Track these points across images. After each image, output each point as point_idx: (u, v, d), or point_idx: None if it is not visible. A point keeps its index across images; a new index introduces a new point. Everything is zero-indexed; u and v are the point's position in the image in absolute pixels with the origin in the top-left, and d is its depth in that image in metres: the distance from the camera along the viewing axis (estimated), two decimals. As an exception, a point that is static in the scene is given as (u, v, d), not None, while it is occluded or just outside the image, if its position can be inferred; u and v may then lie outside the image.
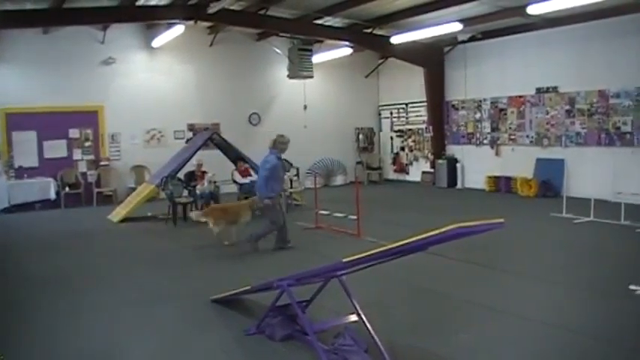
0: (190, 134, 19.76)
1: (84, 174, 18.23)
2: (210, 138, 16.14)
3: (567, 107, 17.56)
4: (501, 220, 4.54)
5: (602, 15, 15.53)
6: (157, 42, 18.61)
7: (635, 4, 13.96)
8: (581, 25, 16.38)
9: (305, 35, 19.43)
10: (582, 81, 16.94)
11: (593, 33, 16.39)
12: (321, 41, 20.19)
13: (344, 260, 5.22)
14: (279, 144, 10.83)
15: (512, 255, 10.28)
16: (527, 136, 18.84)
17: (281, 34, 19.92)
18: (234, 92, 20.58)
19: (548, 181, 17.56)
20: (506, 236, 10.51)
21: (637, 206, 10.11)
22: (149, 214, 15.18)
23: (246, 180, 15.35)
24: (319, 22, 18.14)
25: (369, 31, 19.02)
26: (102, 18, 16.39)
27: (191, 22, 16.52)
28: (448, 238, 4.46)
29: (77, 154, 18.32)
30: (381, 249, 4.86)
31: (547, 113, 18.13)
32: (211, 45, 20.01)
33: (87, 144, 18.46)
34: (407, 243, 4.55)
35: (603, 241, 11.36)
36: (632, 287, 7.72)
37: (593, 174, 15.92)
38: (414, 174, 22.97)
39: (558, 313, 7.03)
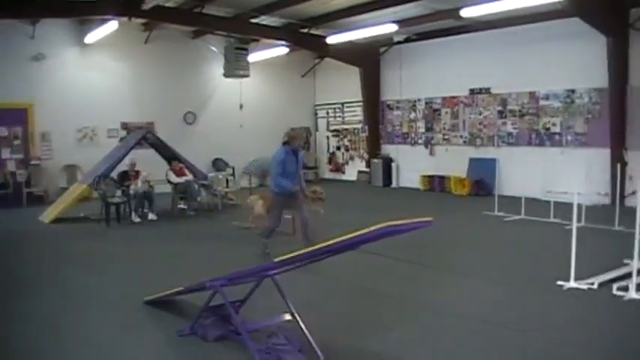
0: (124, 133, 19.39)
1: (13, 173, 17.63)
2: (144, 137, 15.93)
3: (499, 108, 17.97)
4: (430, 218, 4.60)
5: (532, 19, 15.99)
6: (90, 38, 18.21)
7: (562, 10, 14.32)
8: (513, 28, 16.80)
9: (241, 34, 19.37)
10: (514, 83, 17.37)
11: (524, 37, 16.80)
12: (258, 40, 20.12)
13: (276, 260, 5.22)
14: (285, 136, 10.44)
15: (446, 253, 10.43)
16: (461, 136, 19.18)
17: (217, 33, 19.82)
18: (170, 90, 20.29)
19: (481, 180, 17.91)
20: (440, 234, 10.78)
21: (566, 204, 10.39)
22: (82, 214, 14.85)
23: (181, 179, 15.21)
24: (255, 20, 18.08)
25: (305, 30, 19.09)
26: (30, 12, 15.89)
27: (125, 19, 16.27)
28: (377, 237, 4.50)
29: (5, 153, 17.71)
30: (312, 248, 4.88)
31: (480, 114, 18.51)
32: (146, 42, 19.68)
33: (16, 142, 17.90)
34: (337, 242, 4.58)
35: (533, 239, 11.68)
36: (559, 283, 7.93)
37: (524, 173, 16.27)
38: (350, 173, 23.13)
39: (489, 309, 7.16)
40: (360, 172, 22.58)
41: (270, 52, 20.71)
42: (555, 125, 16.68)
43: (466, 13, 14.78)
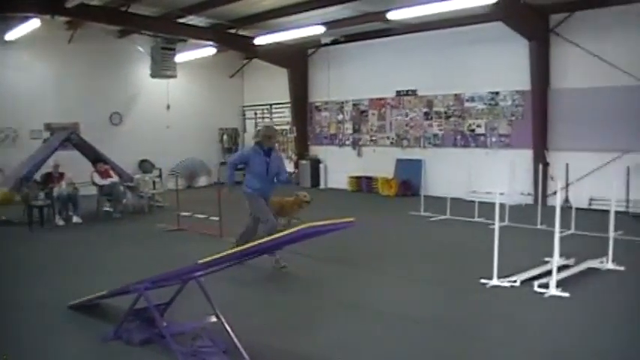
0: (48, 134, 18.92)
1: None
2: (69, 138, 15.58)
3: (425, 110, 18.23)
4: (352, 219, 4.65)
5: (457, 23, 16.38)
6: (11, 35, 17.66)
7: (486, 15, 14.65)
8: (439, 32, 17.15)
9: (168, 34, 19.12)
10: (439, 85, 17.70)
11: (450, 40, 17.15)
12: (185, 40, 19.92)
13: (200, 262, 5.19)
14: (257, 135, 9.47)
15: (373, 253, 10.54)
16: (388, 138, 19.41)
17: (143, 32, 19.50)
18: (95, 91, 19.87)
19: (408, 181, 18.17)
20: (366, 235, 10.95)
21: (490, 204, 10.60)
22: (3, 217, 14.43)
23: (107, 181, 14.95)
24: (182, 20, 17.91)
25: (233, 31, 19.01)
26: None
27: (47, 17, 15.87)
28: (300, 238, 4.53)
29: None
30: (236, 249, 4.89)
31: (406, 115, 18.75)
32: (70, 41, 19.19)
33: None
34: (261, 243, 4.59)
35: (458, 238, 11.94)
36: (482, 281, 8.10)
37: (449, 174, 16.59)
38: (278, 174, 23.06)
39: (415, 308, 7.29)
40: (287, 173, 22.56)
41: (198, 53, 20.54)
42: (480, 127, 17.05)
43: (393, 16, 14.99)
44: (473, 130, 17.24)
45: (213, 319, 5.94)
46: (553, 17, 15.40)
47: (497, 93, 16.63)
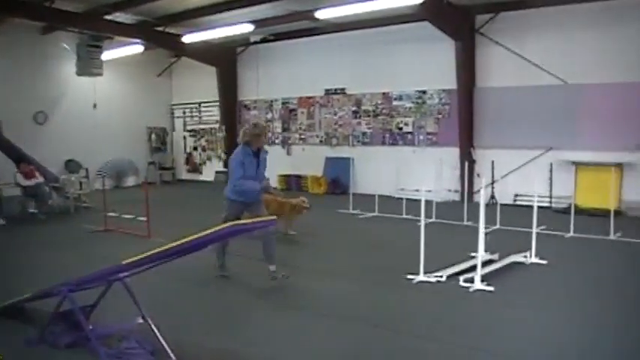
0: (-33, 133, 18.32)
1: None
2: (-10, 137, 15.20)
3: (354, 108, 18.37)
4: (274, 217, 4.68)
5: (385, 22, 16.61)
6: None
7: (413, 15, 14.88)
8: (367, 31, 17.35)
9: (94, 31, 18.77)
10: (368, 83, 17.88)
11: (378, 39, 17.36)
12: (112, 38, 19.59)
13: (124, 262, 5.12)
14: (245, 135, 8.60)
15: (301, 251, 10.66)
16: (317, 136, 19.49)
17: (68, 29, 19.09)
18: (18, 89, 19.23)
19: (337, 179, 18.30)
20: (295, 232, 10.87)
21: (417, 201, 10.74)
22: None
23: (31, 182, 14.62)
24: (109, 17, 17.58)
25: (160, 29, 18.78)
26: None
27: (-37, 11, 15.40)
28: (225, 236, 4.56)
29: None
30: (160, 249, 4.84)
31: (335, 114, 18.86)
32: (-10, 37, 18.68)
33: None
34: (185, 242, 4.57)
35: (386, 235, 12.12)
36: (409, 276, 8.22)
37: (378, 172, 16.78)
38: (208, 174, 23.01)
39: (342, 304, 7.38)
40: (217, 172, 22.44)
41: (125, 50, 20.20)
42: (408, 125, 17.31)
43: (321, 14, 15.11)
44: (401, 129, 17.47)
45: (140, 320, 5.88)
46: (478, 18, 15.76)
47: (424, 92, 16.91)
